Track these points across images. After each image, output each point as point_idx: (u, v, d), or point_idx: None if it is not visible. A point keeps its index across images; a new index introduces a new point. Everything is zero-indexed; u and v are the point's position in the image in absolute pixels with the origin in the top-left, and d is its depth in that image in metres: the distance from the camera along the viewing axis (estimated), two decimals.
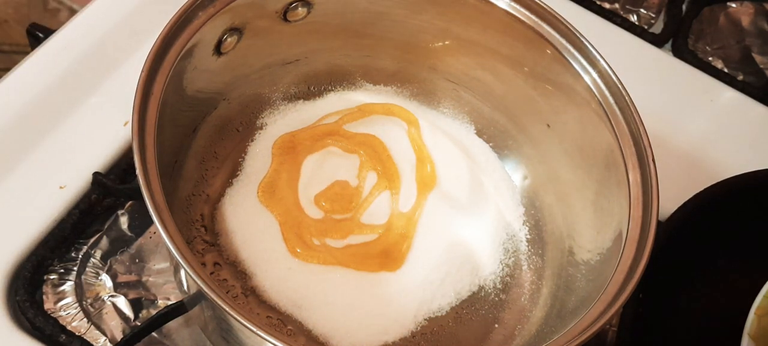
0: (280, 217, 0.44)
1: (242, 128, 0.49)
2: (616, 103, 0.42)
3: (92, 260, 0.47)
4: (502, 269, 0.47)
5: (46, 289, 0.45)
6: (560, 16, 0.43)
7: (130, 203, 0.49)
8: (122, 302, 0.45)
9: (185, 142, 0.44)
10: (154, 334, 0.44)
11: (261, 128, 0.49)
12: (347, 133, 0.49)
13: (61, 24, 0.56)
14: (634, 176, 0.40)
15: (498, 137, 0.51)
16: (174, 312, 0.43)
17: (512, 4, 0.44)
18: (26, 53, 0.54)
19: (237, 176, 0.47)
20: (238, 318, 0.30)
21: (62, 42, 0.55)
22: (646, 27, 0.68)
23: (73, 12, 0.56)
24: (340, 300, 0.42)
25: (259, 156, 0.47)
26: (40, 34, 0.55)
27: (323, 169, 0.47)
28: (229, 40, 0.42)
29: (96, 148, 0.50)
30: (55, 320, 0.44)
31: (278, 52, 0.48)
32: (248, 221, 0.44)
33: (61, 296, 0.45)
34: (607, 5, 0.68)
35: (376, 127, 0.50)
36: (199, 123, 0.45)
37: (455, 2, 0.46)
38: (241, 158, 0.47)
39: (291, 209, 0.45)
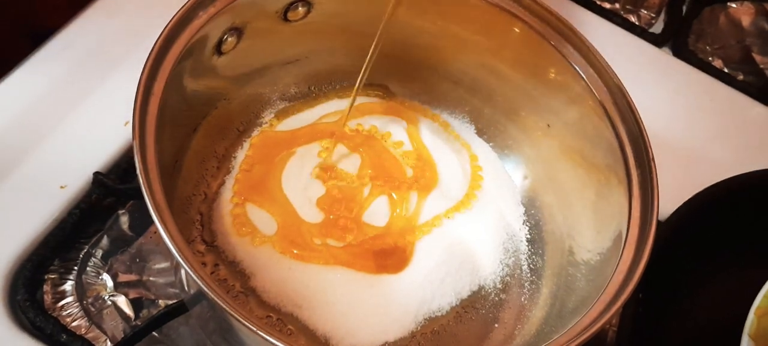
0: (279, 219, 0.44)
1: (242, 128, 0.49)
2: (616, 103, 0.42)
3: (93, 259, 0.47)
4: (502, 269, 0.47)
5: (47, 288, 0.45)
6: (560, 16, 0.43)
7: (130, 202, 0.49)
8: (123, 302, 0.45)
9: (185, 142, 0.44)
10: (154, 333, 0.44)
11: (260, 128, 0.49)
12: (347, 134, 0.49)
13: (61, 24, 0.56)
14: (634, 176, 0.40)
15: (498, 137, 0.52)
16: (174, 312, 0.43)
17: (512, 4, 0.44)
18: (27, 54, 0.54)
19: (229, 173, 0.47)
20: (238, 318, 0.30)
21: (63, 42, 0.55)
22: (646, 27, 0.68)
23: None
24: (340, 300, 0.42)
25: None
26: (41, 34, 0.55)
27: (323, 171, 0.47)
28: (229, 40, 0.42)
29: (97, 148, 0.50)
30: (56, 319, 0.44)
31: (278, 52, 0.48)
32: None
33: (61, 296, 0.45)
34: (607, 5, 0.68)
35: (376, 126, 0.50)
36: (199, 123, 0.45)
37: (455, 2, 0.46)
38: (234, 157, 0.48)
39: (286, 210, 0.45)
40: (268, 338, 0.30)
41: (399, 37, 0.49)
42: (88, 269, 0.46)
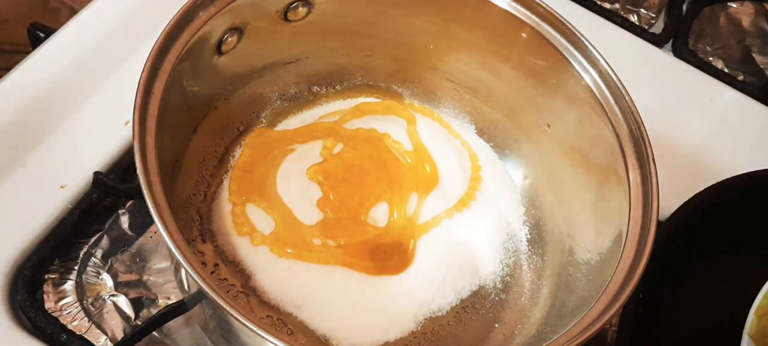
0: (278, 219, 0.44)
1: (242, 128, 0.49)
2: (616, 103, 0.42)
3: (93, 259, 0.47)
4: (503, 269, 0.47)
5: (47, 288, 0.45)
6: (560, 16, 0.43)
7: (130, 202, 0.49)
8: (123, 302, 0.46)
9: (186, 142, 0.44)
10: (154, 333, 0.44)
11: (260, 127, 0.49)
12: (347, 133, 0.49)
13: (61, 24, 0.56)
14: (634, 176, 0.40)
15: (498, 137, 0.52)
16: (174, 311, 0.44)
17: (512, 4, 0.44)
18: (27, 53, 0.55)
19: (229, 173, 0.47)
20: (238, 317, 0.30)
21: (63, 42, 0.55)
22: (646, 27, 0.68)
23: (73, 12, 0.56)
24: (340, 300, 0.43)
25: None
26: (41, 34, 0.55)
27: (323, 171, 0.47)
28: (229, 39, 0.42)
29: (97, 148, 0.50)
30: (56, 319, 0.44)
31: (278, 52, 0.48)
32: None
33: (61, 296, 0.45)
34: (607, 5, 0.68)
35: (376, 126, 0.50)
36: (199, 123, 0.45)
37: (455, 2, 0.46)
38: (234, 157, 0.48)
39: (285, 211, 0.45)
40: (268, 337, 0.30)
41: (399, 38, 0.49)
42: (88, 268, 0.46)
